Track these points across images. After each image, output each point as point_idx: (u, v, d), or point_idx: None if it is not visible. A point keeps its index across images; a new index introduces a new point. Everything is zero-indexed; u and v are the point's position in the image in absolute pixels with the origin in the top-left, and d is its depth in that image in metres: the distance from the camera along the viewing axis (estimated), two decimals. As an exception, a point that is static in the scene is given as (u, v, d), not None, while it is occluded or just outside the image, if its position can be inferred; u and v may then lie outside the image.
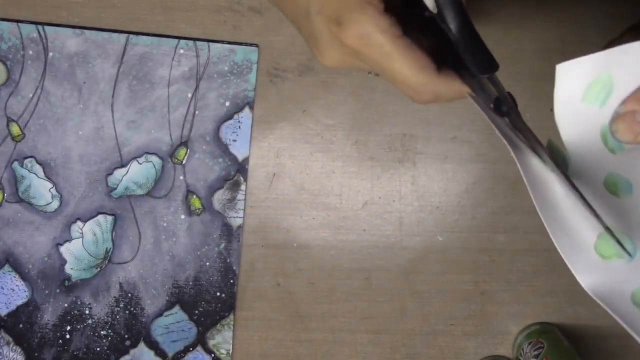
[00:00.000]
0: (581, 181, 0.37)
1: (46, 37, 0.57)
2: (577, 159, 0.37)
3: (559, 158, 0.37)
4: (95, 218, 0.58)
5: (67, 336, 0.59)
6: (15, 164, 0.57)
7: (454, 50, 0.34)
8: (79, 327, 0.59)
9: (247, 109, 0.58)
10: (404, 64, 0.34)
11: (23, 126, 0.57)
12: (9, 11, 0.56)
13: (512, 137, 0.37)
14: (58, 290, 0.59)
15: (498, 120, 0.37)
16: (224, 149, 0.58)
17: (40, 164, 0.58)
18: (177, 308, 0.59)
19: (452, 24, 0.33)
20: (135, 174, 0.58)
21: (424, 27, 0.35)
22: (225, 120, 0.58)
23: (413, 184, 0.59)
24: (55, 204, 0.58)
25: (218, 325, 0.59)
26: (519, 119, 0.37)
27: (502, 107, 0.36)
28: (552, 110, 0.37)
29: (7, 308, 0.59)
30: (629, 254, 0.36)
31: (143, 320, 0.59)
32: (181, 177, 0.58)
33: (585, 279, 0.35)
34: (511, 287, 0.60)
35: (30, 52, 0.57)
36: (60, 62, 0.57)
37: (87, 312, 0.59)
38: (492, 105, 0.37)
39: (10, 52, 0.57)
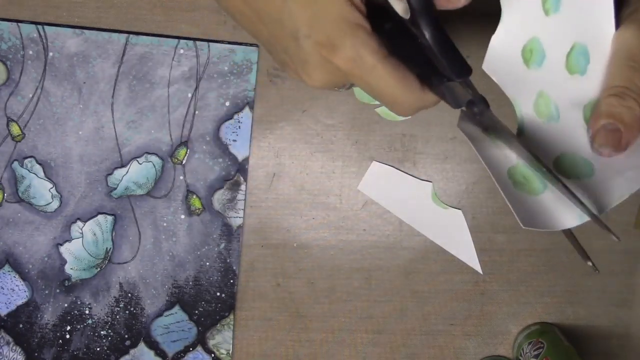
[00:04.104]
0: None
1: (46, 37, 0.57)
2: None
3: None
4: (95, 218, 0.58)
5: (67, 336, 0.59)
6: (15, 164, 0.57)
7: (421, 58, 0.35)
8: (79, 327, 0.59)
9: (247, 109, 0.58)
10: (393, 83, 0.35)
11: (23, 126, 0.57)
12: (9, 11, 0.56)
13: (474, 133, 0.39)
14: (58, 290, 0.59)
15: (465, 123, 0.38)
16: (224, 149, 0.58)
17: (40, 164, 0.58)
18: (177, 308, 0.59)
19: (426, 30, 0.33)
20: (135, 174, 0.58)
21: (389, 38, 0.36)
22: (225, 120, 0.58)
23: (413, 184, 0.59)
24: (55, 204, 0.58)
25: (218, 325, 0.59)
26: (492, 118, 0.38)
27: (475, 109, 0.38)
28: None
29: (7, 308, 0.59)
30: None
31: (143, 320, 0.59)
32: (181, 177, 0.58)
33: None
34: (511, 287, 0.60)
35: (30, 52, 0.57)
36: (60, 62, 0.57)
37: (87, 312, 0.59)
38: (464, 108, 0.38)
39: (10, 52, 0.57)
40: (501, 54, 0.38)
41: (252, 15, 0.36)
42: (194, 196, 0.58)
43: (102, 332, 0.59)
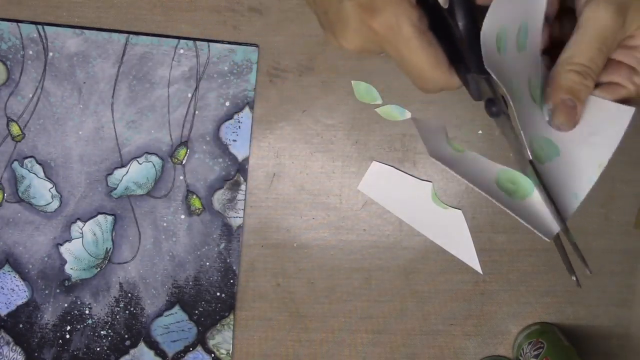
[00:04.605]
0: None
1: (46, 37, 0.57)
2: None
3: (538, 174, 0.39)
4: (95, 218, 0.58)
5: (67, 336, 0.59)
6: (15, 164, 0.57)
7: (454, 44, 0.36)
8: (79, 327, 0.59)
9: (247, 109, 0.58)
10: (425, 58, 0.36)
11: (23, 126, 0.57)
12: (9, 11, 0.56)
13: None
14: (58, 290, 0.59)
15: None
16: (224, 149, 0.58)
17: (40, 164, 0.58)
18: (177, 308, 0.59)
19: (461, 22, 0.34)
20: (135, 174, 0.58)
21: (430, 15, 0.36)
22: (225, 120, 0.58)
23: (413, 184, 0.59)
24: (55, 204, 0.58)
25: (218, 325, 0.59)
26: (508, 123, 0.38)
27: (493, 108, 0.38)
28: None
29: (7, 308, 0.59)
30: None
31: (143, 320, 0.59)
32: (181, 177, 0.58)
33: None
34: (511, 287, 0.60)
35: (30, 52, 0.57)
36: (60, 62, 0.57)
37: (87, 312, 0.59)
38: (483, 104, 0.38)
39: (10, 52, 0.57)
40: (488, 47, 0.38)
41: None
42: (194, 196, 0.58)
43: (102, 332, 0.59)
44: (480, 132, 0.59)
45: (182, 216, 0.58)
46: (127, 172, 0.58)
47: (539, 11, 0.37)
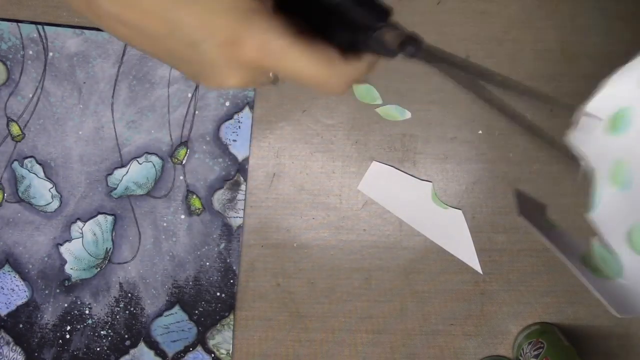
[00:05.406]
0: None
1: (46, 37, 0.57)
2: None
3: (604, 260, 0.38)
4: (95, 218, 0.58)
5: (67, 336, 0.59)
6: (15, 164, 0.57)
7: (341, 23, 0.32)
8: (79, 327, 0.59)
9: (247, 109, 0.58)
10: (311, 62, 0.32)
11: (23, 126, 0.57)
12: (9, 11, 0.56)
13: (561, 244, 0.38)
14: (58, 290, 0.59)
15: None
16: (224, 149, 0.58)
17: (40, 164, 0.58)
18: (177, 308, 0.59)
19: None
20: (135, 174, 0.58)
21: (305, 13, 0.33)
22: (225, 120, 0.58)
23: (413, 184, 0.59)
24: (55, 204, 0.58)
25: (218, 325, 0.59)
26: (430, 49, 0.34)
27: (408, 48, 0.34)
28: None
29: (7, 308, 0.59)
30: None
31: (143, 320, 0.59)
32: (181, 177, 0.58)
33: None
34: (511, 287, 0.60)
35: (30, 52, 0.57)
36: (60, 62, 0.57)
37: (87, 312, 0.59)
38: (396, 51, 0.35)
39: (10, 52, 0.57)
40: (589, 124, 0.37)
41: (136, 34, 0.32)
42: (194, 196, 0.58)
43: (102, 332, 0.59)
44: (480, 132, 0.59)
45: (182, 216, 0.58)
46: (127, 172, 0.58)
47: None
